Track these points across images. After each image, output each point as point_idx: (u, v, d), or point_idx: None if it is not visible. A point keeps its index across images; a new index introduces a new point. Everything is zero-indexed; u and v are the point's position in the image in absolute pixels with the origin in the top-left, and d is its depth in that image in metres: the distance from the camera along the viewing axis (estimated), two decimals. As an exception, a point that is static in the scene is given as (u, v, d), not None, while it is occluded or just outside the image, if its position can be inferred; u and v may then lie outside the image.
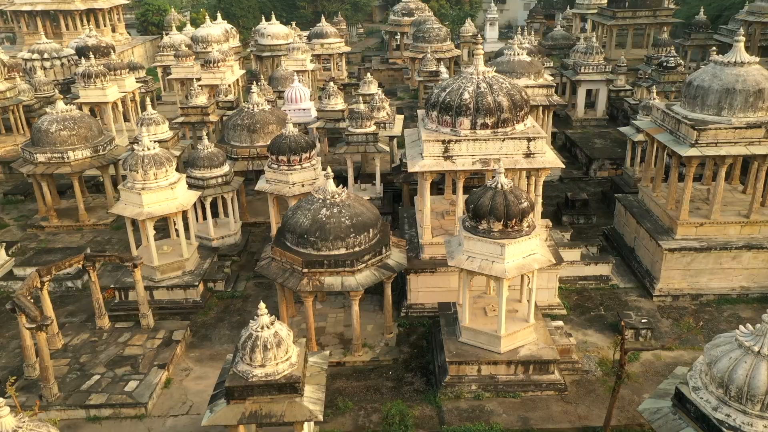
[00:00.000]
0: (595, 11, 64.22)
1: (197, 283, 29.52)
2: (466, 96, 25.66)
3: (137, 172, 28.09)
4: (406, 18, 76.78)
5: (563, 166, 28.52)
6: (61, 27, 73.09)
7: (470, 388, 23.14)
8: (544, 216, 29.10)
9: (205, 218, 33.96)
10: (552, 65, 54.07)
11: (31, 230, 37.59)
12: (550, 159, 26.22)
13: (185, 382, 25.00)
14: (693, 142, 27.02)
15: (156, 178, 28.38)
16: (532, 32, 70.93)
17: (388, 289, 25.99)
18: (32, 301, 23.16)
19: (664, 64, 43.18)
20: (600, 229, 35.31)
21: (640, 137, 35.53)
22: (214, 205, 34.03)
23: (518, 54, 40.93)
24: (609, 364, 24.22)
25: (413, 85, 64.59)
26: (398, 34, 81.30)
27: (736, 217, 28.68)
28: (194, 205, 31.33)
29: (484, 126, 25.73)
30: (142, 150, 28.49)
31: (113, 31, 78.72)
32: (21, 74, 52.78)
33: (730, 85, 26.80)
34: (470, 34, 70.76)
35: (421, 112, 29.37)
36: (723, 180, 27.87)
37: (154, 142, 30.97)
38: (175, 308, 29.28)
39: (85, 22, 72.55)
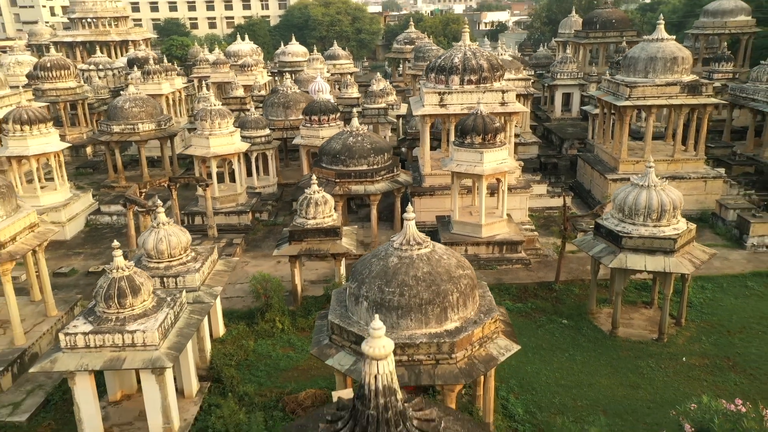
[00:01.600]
0: (573, 35, 74.35)
1: (248, 211, 37.86)
2: (456, 60, 34.64)
3: (206, 121, 36.77)
4: (407, 46, 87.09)
5: (528, 110, 37.32)
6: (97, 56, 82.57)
7: (459, 263, 31.21)
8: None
9: (250, 174, 42.50)
10: (534, 73, 63.49)
11: (104, 190, 46.05)
12: (519, 107, 35.08)
13: (245, 268, 33.14)
14: (627, 97, 35.90)
15: (219, 127, 37.03)
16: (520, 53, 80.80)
17: (398, 202, 34.41)
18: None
19: (618, 62, 52.55)
20: (567, 184, 43.82)
21: (597, 111, 44.34)
22: (257, 162, 42.61)
23: (501, 54, 50.37)
24: (563, 251, 32.35)
25: (415, 99, 73.93)
26: (400, 61, 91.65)
27: (664, 157, 37.31)
28: (241, 162, 39.75)
29: (470, 82, 34.59)
30: (210, 105, 37.26)
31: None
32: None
33: (653, 54, 35.86)
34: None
35: (422, 82, 38.31)
36: (652, 125, 36.66)
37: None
38: (230, 230, 37.46)
39: (119, 53, 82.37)
